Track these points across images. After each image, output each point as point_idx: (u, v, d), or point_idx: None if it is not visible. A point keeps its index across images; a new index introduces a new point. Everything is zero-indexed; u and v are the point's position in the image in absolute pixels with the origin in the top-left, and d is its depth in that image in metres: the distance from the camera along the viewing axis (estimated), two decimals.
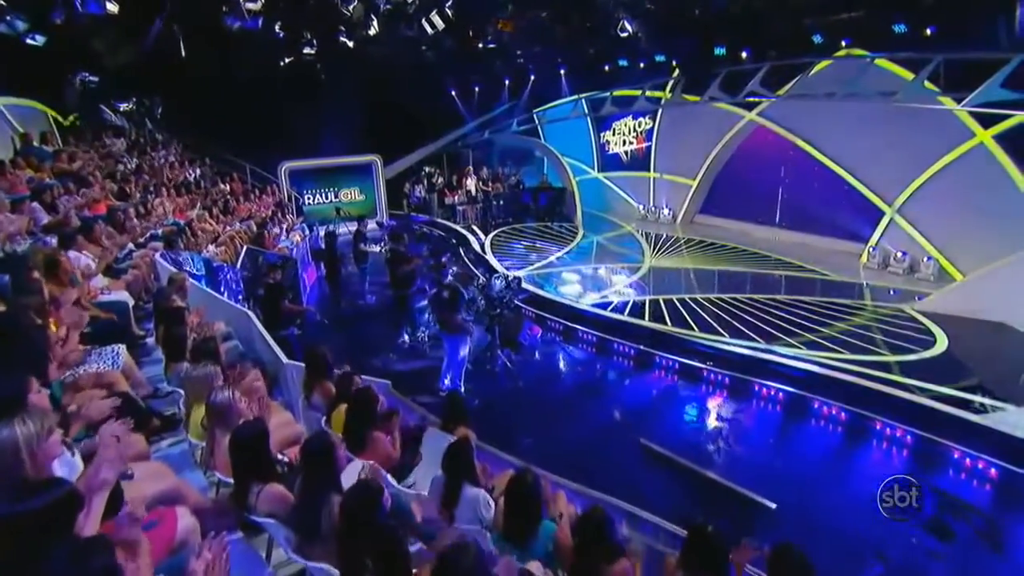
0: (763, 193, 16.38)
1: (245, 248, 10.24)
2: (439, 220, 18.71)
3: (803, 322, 9.58)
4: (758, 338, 8.75)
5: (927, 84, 10.71)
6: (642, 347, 8.87)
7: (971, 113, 11.23)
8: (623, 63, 17.22)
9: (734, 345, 8.51)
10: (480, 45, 18.09)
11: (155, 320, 5.44)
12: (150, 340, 5.83)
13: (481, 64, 19.51)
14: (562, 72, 19.08)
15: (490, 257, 13.63)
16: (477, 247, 14.76)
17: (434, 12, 13.88)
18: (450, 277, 7.14)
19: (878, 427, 6.81)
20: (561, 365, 8.99)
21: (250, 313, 6.54)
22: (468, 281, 7.88)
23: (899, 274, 12.41)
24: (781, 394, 7.62)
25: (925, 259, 12.13)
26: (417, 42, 17.03)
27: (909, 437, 6.70)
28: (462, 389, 7.52)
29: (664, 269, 12.99)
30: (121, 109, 15.62)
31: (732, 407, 7.60)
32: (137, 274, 6.90)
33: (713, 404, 7.71)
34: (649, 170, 19.07)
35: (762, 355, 8.18)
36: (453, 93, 21.65)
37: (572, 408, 7.59)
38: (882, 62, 11.76)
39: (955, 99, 10.36)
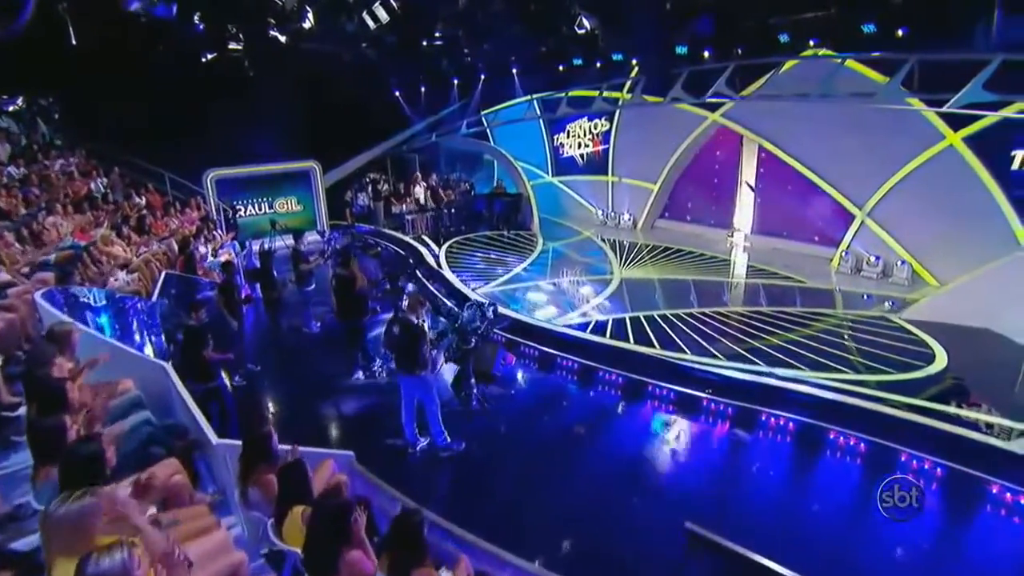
0: (726, 197, 16.03)
1: (164, 275, 8.66)
2: (386, 230, 17.33)
3: (794, 336, 8.95)
4: (757, 360, 7.99)
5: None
6: (631, 375, 7.96)
7: (940, 115, 11.04)
8: (578, 62, 16.44)
9: (734, 370, 7.71)
10: (425, 42, 16.92)
11: (25, 395, 4.02)
12: (24, 410, 4.38)
13: (427, 62, 18.30)
14: (514, 71, 18.11)
15: (447, 273, 12.42)
16: (432, 261, 13.52)
17: (377, 3, 12.57)
18: (414, 310, 5.91)
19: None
20: (543, 400, 7.93)
21: (167, 367, 5.14)
22: (435, 311, 6.72)
23: (872, 278, 12.14)
24: (791, 423, 6.88)
25: (899, 263, 11.89)
26: (357, 38, 15.66)
27: (939, 469, 6.09)
28: (445, 440, 6.35)
29: (636, 281, 12.19)
30: (9, 110, 13.43)
31: (739, 437, 6.79)
32: (10, 319, 5.35)
33: (718, 437, 6.87)
34: (607, 174, 18.36)
35: (768, 381, 7.41)
36: (397, 94, 20.33)
37: (566, 457, 6.53)
38: (850, 63, 11.40)
39: (926, 100, 10.09)
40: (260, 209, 17.11)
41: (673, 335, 9.06)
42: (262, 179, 17.01)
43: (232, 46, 13.85)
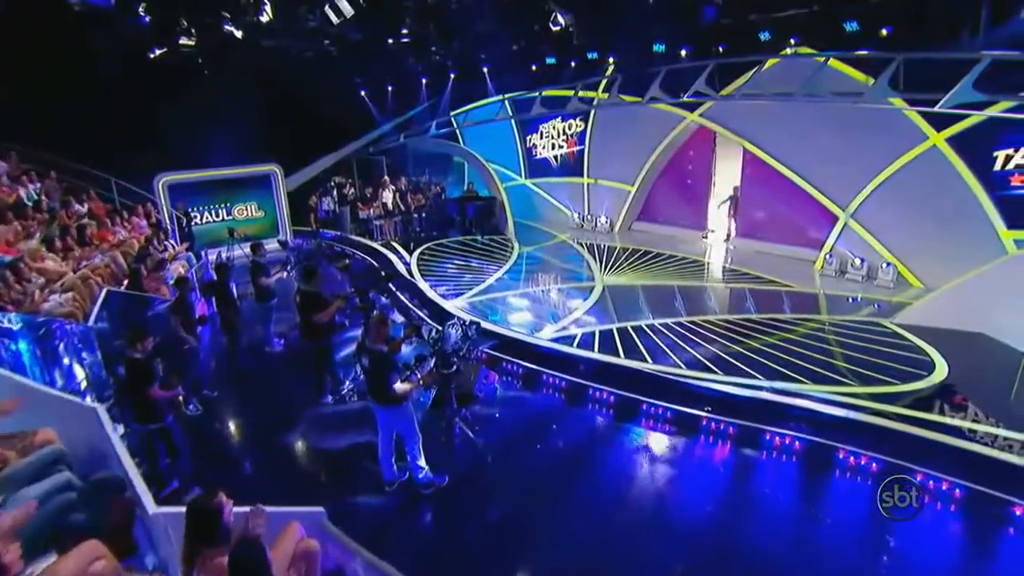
0: (700, 197, 15.76)
1: (105, 292, 7.75)
2: (353, 237, 16.52)
3: (788, 344, 8.56)
4: (758, 375, 7.54)
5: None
6: (624, 393, 7.43)
7: (923, 115, 10.88)
8: (552, 61, 15.92)
9: (733, 385, 7.24)
10: (392, 39, 16.16)
11: None
12: None
13: (394, 61, 17.53)
14: (485, 70, 17.49)
15: (421, 283, 11.73)
16: (403, 270, 12.80)
17: None
18: (382, 336, 5.23)
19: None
20: (530, 422, 7.32)
21: (100, 411, 4.35)
22: (416, 333, 6.04)
23: (857, 281, 11.92)
24: (798, 442, 6.45)
25: (883, 265, 11.68)
26: (319, 33, 14.81)
27: (958, 490, 5.71)
28: (427, 475, 5.69)
29: (619, 288, 11.67)
30: None
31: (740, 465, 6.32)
32: None
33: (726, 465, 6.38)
34: (583, 175, 17.88)
35: (770, 396, 6.96)
36: (363, 93, 19.50)
37: (558, 489, 5.94)
38: (832, 62, 11.13)
39: (914, 101, 9.85)
40: (217, 216, 16.10)
41: (665, 347, 8.55)
42: (219, 184, 16.00)
43: (183, 41, 12.83)
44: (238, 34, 12.94)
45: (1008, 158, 10.29)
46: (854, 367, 7.82)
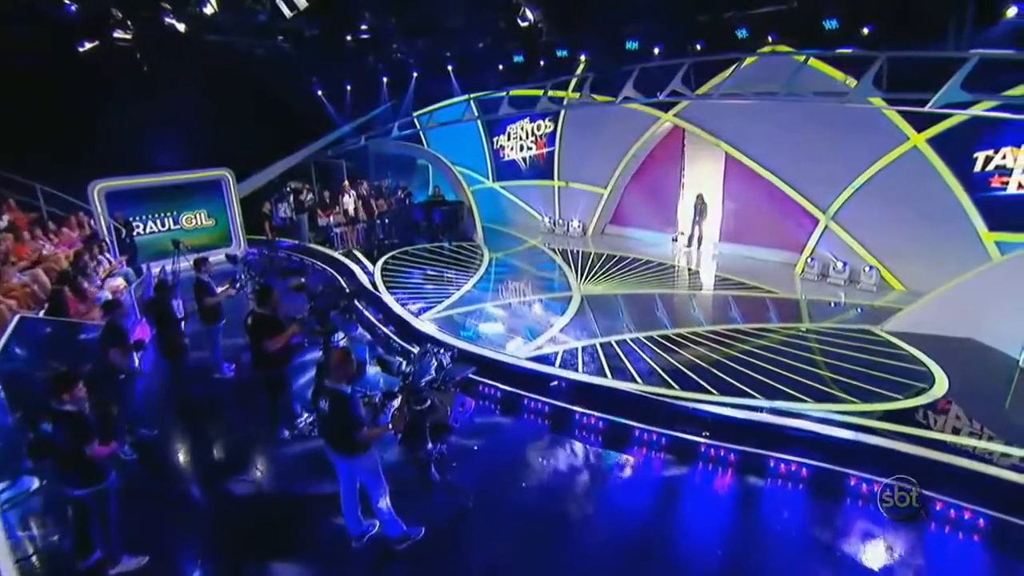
0: (670, 199, 15.39)
1: (17, 319, 6.71)
2: (312, 245, 15.52)
3: (777, 356, 8.10)
4: (757, 395, 7.03)
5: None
6: (614, 419, 6.81)
7: (903, 115, 10.64)
8: (519, 59, 15.28)
9: (731, 407, 6.69)
10: (350, 36, 15.29)
11: None
12: None
13: (353, 58, 16.64)
14: (450, 69, 16.73)
15: (386, 296, 10.90)
16: (366, 282, 11.94)
17: None
18: (345, 373, 4.45)
19: None
20: (512, 454, 6.62)
21: None
22: (382, 366, 5.29)
23: (840, 285, 11.62)
24: (805, 469, 5.94)
25: (866, 268, 11.42)
26: (271, 29, 13.84)
27: (981, 520, 5.27)
28: (400, 527, 4.95)
29: (598, 298, 11.09)
30: None
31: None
32: None
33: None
34: (553, 178, 17.29)
35: (771, 419, 6.44)
36: (320, 93, 18.50)
37: (548, 532, 5.26)
38: (812, 61, 10.81)
39: (898, 101, 9.57)
40: (163, 226, 14.85)
41: (654, 365, 7.98)
42: (165, 190, 14.74)
43: (118, 35, 11.67)
44: (180, 27, 11.89)
45: (988, 159, 10.12)
46: (853, 381, 7.39)
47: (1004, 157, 9.95)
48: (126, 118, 14.19)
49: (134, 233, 13.50)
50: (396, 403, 4.86)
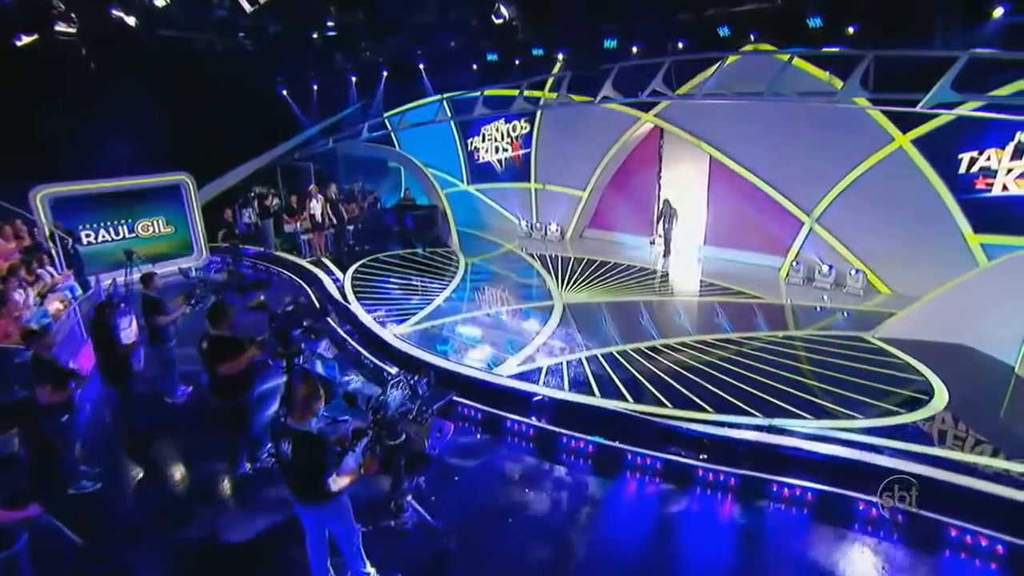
0: (647, 202, 15.06)
1: None
2: (277, 252, 14.79)
3: (773, 368, 7.74)
4: (755, 412, 6.63)
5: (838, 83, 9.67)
6: (606, 442, 6.34)
7: (888, 116, 10.44)
8: (494, 57, 14.75)
9: (729, 427, 6.28)
10: (315, 33, 14.57)
11: None
12: None
13: (319, 57, 15.90)
14: (422, 68, 16.11)
15: (358, 309, 10.26)
16: (336, 293, 11.28)
17: None
18: (309, 409, 3.86)
19: None
20: (496, 483, 6.10)
21: None
22: (349, 402, 4.72)
23: (826, 289, 11.38)
24: (810, 493, 5.56)
25: (852, 272, 11.20)
26: (230, 24, 13.05)
27: (999, 546, 4.94)
28: None
29: (581, 306, 10.62)
30: None
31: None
32: None
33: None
34: (530, 180, 16.80)
35: (775, 439, 6.04)
36: (285, 92, 17.70)
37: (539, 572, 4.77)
38: (796, 60, 10.53)
39: (884, 101, 9.34)
40: (117, 234, 13.94)
41: (644, 380, 7.54)
42: (118, 196, 13.84)
43: (60, 28, 10.78)
44: (130, 21, 11.05)
45: (972, 160, 9.97)
46: (852, 394, 7.06)
47: (988, 159, 9.81)
48: (72, 118, 13.28)
49: (80, 243, 12.57)
50: (367, 441, 4.28)
